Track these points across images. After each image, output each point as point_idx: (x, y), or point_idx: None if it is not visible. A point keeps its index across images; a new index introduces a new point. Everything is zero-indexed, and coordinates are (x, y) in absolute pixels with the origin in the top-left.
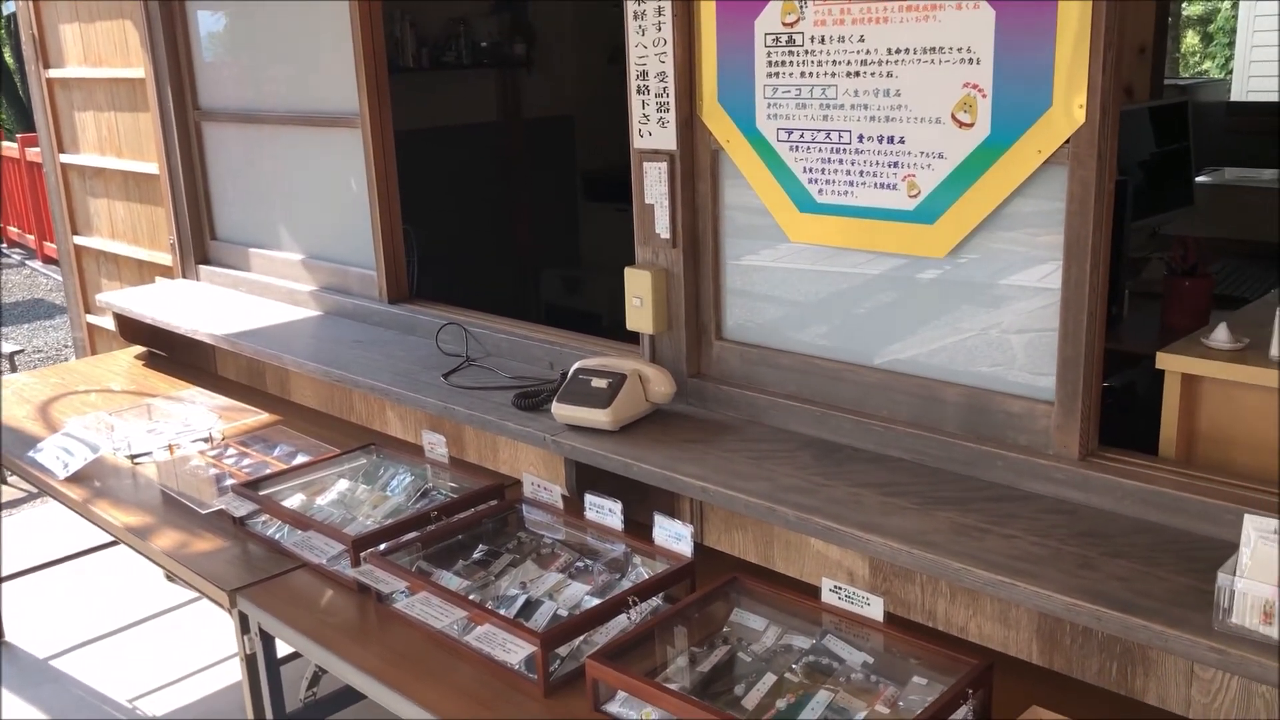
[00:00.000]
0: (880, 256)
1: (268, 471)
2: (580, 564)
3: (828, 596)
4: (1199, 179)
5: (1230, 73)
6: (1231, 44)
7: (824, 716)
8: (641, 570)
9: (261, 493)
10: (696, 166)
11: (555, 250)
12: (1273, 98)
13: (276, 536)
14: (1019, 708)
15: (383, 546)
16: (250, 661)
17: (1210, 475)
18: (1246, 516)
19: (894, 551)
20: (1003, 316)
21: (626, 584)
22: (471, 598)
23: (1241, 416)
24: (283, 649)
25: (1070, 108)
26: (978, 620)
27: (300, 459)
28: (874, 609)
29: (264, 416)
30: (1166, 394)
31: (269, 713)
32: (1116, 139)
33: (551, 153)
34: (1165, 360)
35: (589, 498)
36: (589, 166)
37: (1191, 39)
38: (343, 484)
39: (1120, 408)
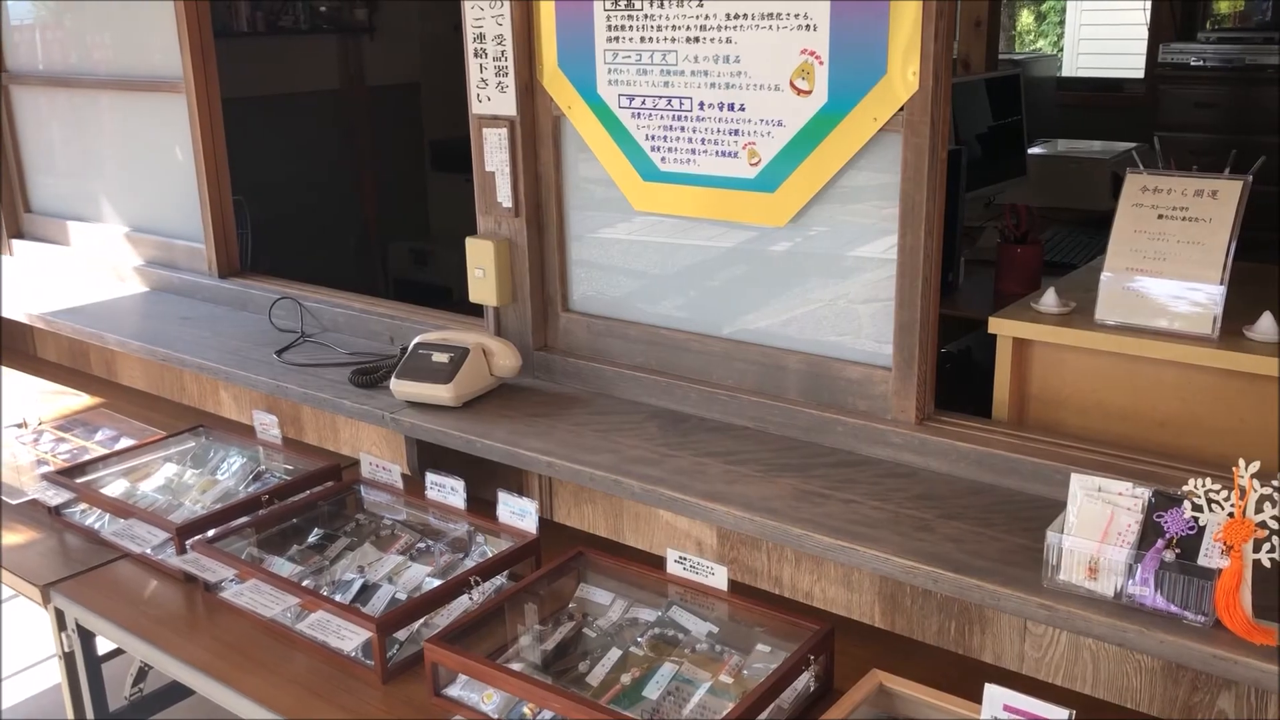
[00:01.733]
0: (728, 230)
1: (87, 457)
2: (421, 545)
3: (673, 567)
4: (1032, 150)
5: (1061, 49)
6: (1063, 22)
7: (668, 689)
8: (486, 549)
9: (79, 480)
10: (538, 133)
11: (402, 222)
12: (1099, 73)
13: (96, 526)
14: (862, 671)
15: (211, 533)
16: (68, 660)
17: (1040, 436)
18: (1073, 475)
19: (737, 520)
20: (846, 287)
21: (470, 564)
22: (306, 584)
23: (1069, 378)
24: (106, 645)
25: (905, 75)
26: (822, 585)
27: (124, 443)
28: (718, 578)
29: (86, 399)
30: (999, 358)
31: (90, 713)
32: (948, 107)
33: (397, 121)
34: (997, 325)
35: (430, 476)
36: (436, 135)
37: (1027, 17)
38: (169, 469)
39: (958, 373)
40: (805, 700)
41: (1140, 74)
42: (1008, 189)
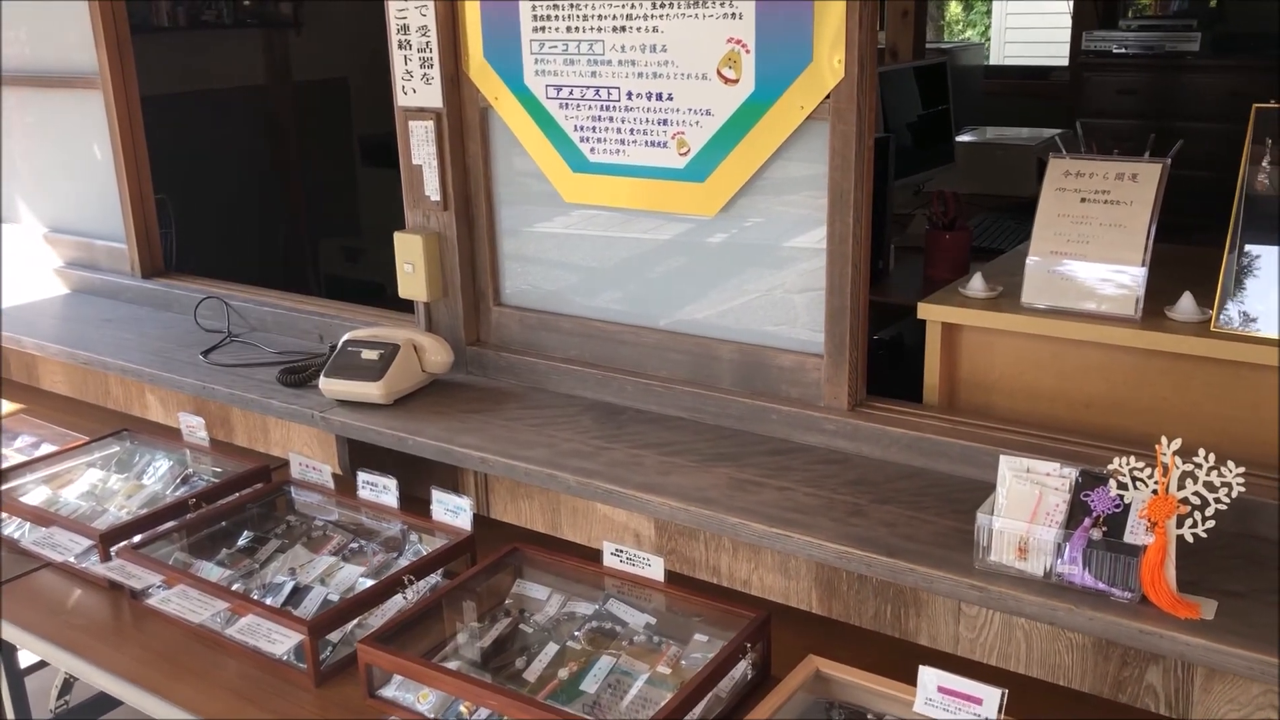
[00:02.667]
0: (659, 223)
1: (7, 464)
2: (354, 545)
3: (609, 560)
4: (962, 138)
5: (989, 39)
6: (989, 12)
7: (607, 682)
8: (420, 548)
9: None
10: (465, 125)
11: (333, 219)
12: (1026, 61)
13: (16, 535)
14: (800, 657)
15: (137, 539)
16: None
17: (970, 420)
18: (1002, 457)
19: (673, 510)
20: (778, 277)
21: (404, 563)
22: (235, 588)
23: (997, 362)
24: (29, 658)
25: (830, 63)
26: (760, 573)
27: (45, 449)
28: (655, 569)
29: (6, 405)
30: (928, 343)
31: None
32: (874, 95)
33: (325, 117)
34: (926, 310)
35: (362, 475)
36: (366, 131)
37: (955, 7)
38: (93, 474)
39: (890, 359)
40: (743, 688)
41: (1065, 62)
42: (936, 176)
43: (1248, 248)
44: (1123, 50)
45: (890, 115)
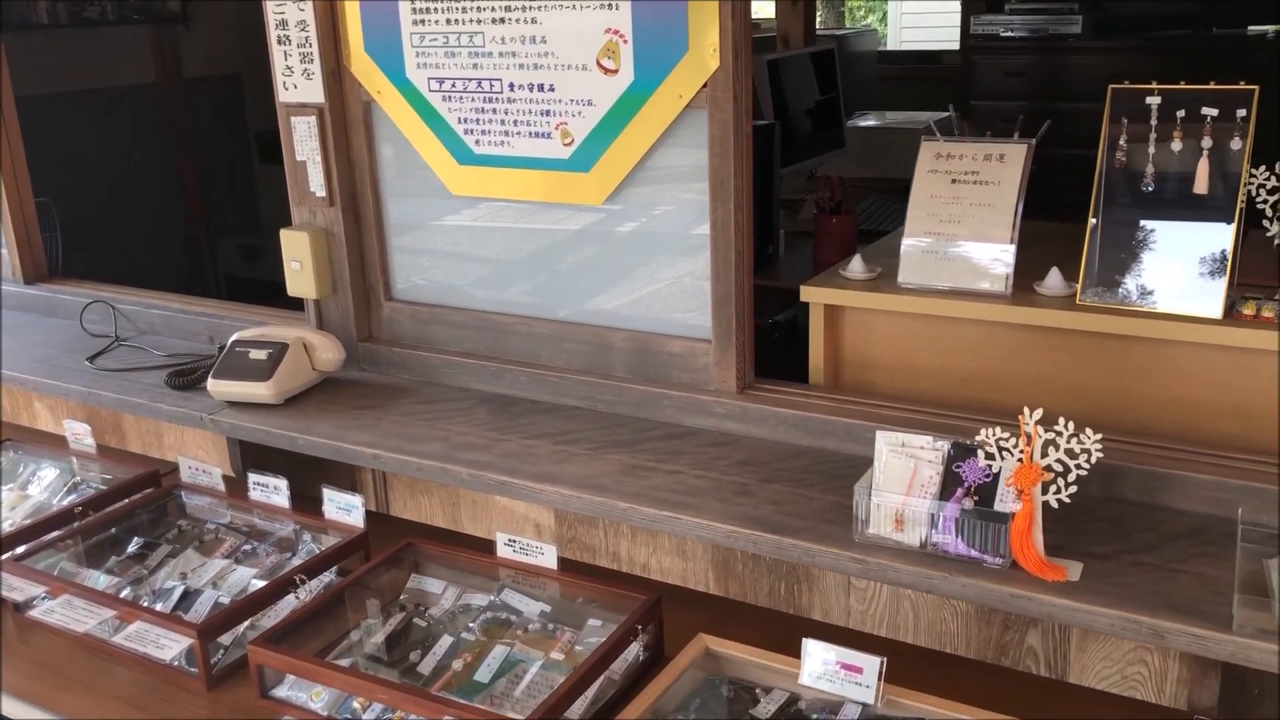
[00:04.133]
0: (550, 215)
1: None
2: (247, 547)
3: (504, 551)
4: (856, 123)
5: (886, 24)
6: None
7: (501, 671)
8: (313, 547)
9: None
10: (349, 120)
11: (230, 218)
12: (920, 46)
13: None
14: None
15: (20, 550)
16: None
17: (854, 398)
18: (878, 433)
19: (566, 499)
20: (668, 264)
21: (297, 563)
22: (124, 595)
23: (878, 341)
24: None
25: (706, 52)
26: (658, 556)
27: None
28: (548, 558)
29: None
30: (812, 324)
31: None
32: (750, 82)
33: (220, 114)
34: (808, 293)
35: (253, 477)
36: (262, 127)
37: None
38: None
39: (784, 341)
40: (636, 669)
41: (956, 46)
42: (828, 161)
43: (1107, 223)
44: (1009, 34)
45: (787, 101)
